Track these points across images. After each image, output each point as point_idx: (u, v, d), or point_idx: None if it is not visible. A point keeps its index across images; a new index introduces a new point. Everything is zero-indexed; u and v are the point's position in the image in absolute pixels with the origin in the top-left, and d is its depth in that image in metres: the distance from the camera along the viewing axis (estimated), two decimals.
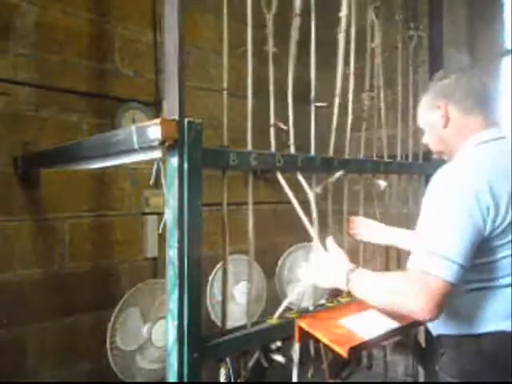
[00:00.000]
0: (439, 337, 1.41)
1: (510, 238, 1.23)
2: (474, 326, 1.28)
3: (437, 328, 1.41)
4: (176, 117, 1.25)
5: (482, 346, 1.27)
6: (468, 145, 1.36)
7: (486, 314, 1.27)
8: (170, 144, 1.24)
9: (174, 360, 1.28)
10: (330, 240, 1.51)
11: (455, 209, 1.20)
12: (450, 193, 1.23)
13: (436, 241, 1.19)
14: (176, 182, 1.26)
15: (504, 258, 1.24)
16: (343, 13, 1.74)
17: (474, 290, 1.28)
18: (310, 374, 1.74)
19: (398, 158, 2.17)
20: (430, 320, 1.19)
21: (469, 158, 1.32)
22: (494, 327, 1.26)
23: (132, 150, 1.35)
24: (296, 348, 1.60)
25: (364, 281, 1.34)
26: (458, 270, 1.16)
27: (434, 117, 1.43)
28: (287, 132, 1.61)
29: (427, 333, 2.25)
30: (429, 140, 1.52)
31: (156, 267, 2.65)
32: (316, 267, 1.49)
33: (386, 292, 1.27)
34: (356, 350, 1.47)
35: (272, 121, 1.59)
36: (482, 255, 1.23)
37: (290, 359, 1.61)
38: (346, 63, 1.80)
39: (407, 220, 2.08)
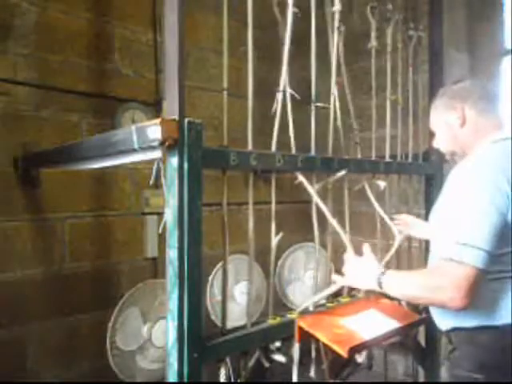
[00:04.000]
0: (449, 332, 1.41)
1: None
2: (494, 317, 1.29)
3: (450, 321, 1.40)
4: (176, 117, 1.25)
5: (501, 337, 1.28)
6: (483, 143, 1.41)
7: (507, 305, 1.28)
8: (170, 144, 1.24)
9: (173, 360, 1.28)
10: (366, 246, 1.53)
11: (479, 199, 1.24)
12: (472, 185, 1.28)
13: (463, 230, 1.24)
14: (176, 182, 1.26)
15: None
16: (336, 7, 1.75)
17: (494, 280, 1.29)
18: (309, 374, 1.74)
19: (398, 158, 2.17)
20: (463, 308, 1.21)
21: (485, 154, 1.37)
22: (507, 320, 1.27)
23: (132, 150, 1.35)
24: (296, 348, 1.60)
25: (396, 281, 1.38)
26: (486, 256, 1.20)
27: (450, 118, 1.48)
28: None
29: (427, 333, 2.25)
30: (442, 142, 1.56)
31: (156, 267, 2.65)
32: (349, 269, 1.51)
33: (418, 287, 1.30)
34: (356, 350, 1.47)
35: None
36: (504, 245, 1.26)
37: (290, 359, 1.61)
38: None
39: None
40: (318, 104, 1.74)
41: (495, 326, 1.28)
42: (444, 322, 1.42)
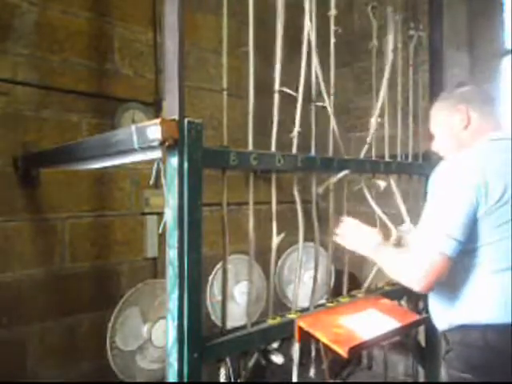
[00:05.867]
0: (446, 331, 1.42)
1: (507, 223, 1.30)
2: (479, 315, 1.31)
3: (445, 319, 1.42)
4: (176, 117, 1.25)
5: (487, 338, 1.29)
6: (481, 141, 1.46)
7: (492, 304, 1.30)
8: (170, 144, 1.24)
9: (173, 360, 1.28)
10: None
11: (453, 193, 1.33)
12: (449, 181, 1.36)
13: (435, 220, 1.34)
14: (176, 181, 1.26)
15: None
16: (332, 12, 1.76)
17: (481, 276, 1.32)
18: (309, 374, 1.74)
19: (398, 158, 2.17)
20: (425, 291, 1.36)
21: (474, 151, 1.42)
22: (499, 319, 1.28)
23: (132, 150, 1.35)
24: (296, 348, 1.60)
25: (384, 255, 1.53)
26: (456, 245, 1.29)
27: (453, 120, 1.52)
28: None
29: (427, 333, 2.25)
30: (442, 144, 1.60)
31: (156, 267, 2.65)
32: (349, 231, 1.64)
33: (395, 267, 1.46)
34: (356, 350, 1.47)
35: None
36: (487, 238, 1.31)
37: (290, 359, 1.61)
38: (344, 63, 1.80)
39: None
40: (318, 103, 1.74)
41: (480, 325, 1.30)
42: (440, 320, 1.44)
